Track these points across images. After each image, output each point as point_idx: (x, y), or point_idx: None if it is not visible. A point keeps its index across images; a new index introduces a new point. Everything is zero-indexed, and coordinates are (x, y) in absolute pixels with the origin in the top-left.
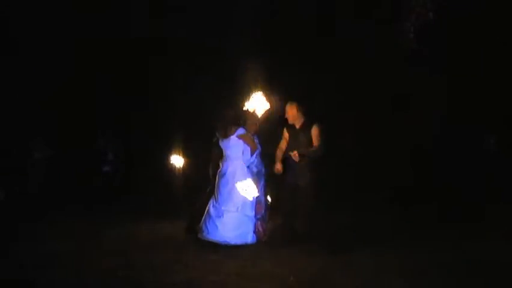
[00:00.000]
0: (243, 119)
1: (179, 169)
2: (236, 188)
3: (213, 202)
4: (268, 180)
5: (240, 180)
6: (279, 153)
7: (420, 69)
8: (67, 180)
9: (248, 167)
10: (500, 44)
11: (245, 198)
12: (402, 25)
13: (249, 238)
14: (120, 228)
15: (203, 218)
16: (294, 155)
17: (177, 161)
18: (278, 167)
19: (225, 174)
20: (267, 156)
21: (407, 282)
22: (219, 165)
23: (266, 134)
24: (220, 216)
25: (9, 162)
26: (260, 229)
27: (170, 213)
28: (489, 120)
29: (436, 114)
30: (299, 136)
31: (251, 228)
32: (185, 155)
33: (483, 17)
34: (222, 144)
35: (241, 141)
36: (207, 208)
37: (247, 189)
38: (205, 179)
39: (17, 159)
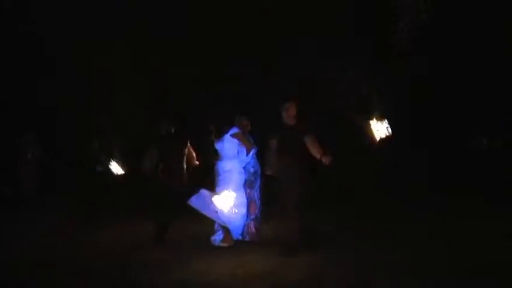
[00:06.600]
0: (237, 120)
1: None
2: (231, 186)
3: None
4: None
5: (235, 179)
6: None
7: None
8: (60, 179)
9: (244, 167)
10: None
11: (240, 196)
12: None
13: (237, 234)
14: (113, 228)
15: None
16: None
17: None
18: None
19: (220, 173)
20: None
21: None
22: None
23: None
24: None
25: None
26: (253, 229)
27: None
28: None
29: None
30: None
31: (241, 225)
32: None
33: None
34: (217, 145)
35: (235, 140)
36: (202, 190)
37: (224, 201)
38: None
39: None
